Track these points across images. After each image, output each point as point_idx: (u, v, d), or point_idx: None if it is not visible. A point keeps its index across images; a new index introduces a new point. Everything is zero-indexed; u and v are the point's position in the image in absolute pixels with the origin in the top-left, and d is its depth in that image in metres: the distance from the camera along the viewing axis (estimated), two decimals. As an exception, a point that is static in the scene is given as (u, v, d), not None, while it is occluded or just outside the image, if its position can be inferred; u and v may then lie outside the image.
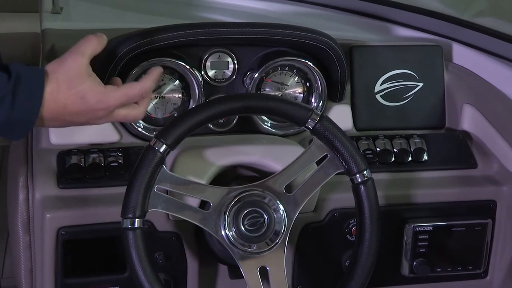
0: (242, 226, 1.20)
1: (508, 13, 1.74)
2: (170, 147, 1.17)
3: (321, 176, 1.24)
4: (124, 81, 1.34)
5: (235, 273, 1.36)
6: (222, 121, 1.43)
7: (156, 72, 1.19)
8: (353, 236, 1.39)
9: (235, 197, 1.21)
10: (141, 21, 1.82)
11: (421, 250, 1.41)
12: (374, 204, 1.23)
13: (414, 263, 1.41)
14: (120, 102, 1.13)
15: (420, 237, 1.40)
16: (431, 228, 1.40)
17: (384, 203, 1.35)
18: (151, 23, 1.39)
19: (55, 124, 1.10)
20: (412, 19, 1.69)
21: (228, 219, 1.20)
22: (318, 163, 1.25)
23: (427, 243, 1.41)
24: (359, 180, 1.22)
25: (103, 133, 1.37)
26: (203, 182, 1.26)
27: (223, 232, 1.20)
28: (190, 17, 1.84)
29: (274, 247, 1.21)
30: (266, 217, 1.21)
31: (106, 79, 1.31)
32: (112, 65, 1.31)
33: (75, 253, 1.29)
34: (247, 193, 1.21)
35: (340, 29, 1.72)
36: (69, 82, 1.07)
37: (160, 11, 1.87)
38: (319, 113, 1.22)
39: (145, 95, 1.16)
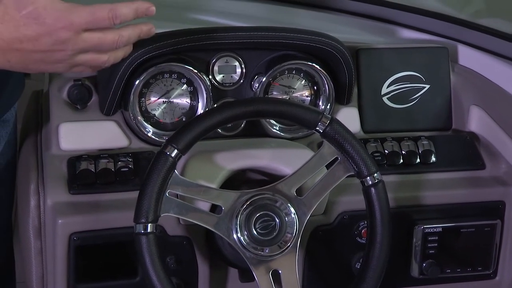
0: (254, 229, 1.20)
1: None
2: (182, 152, 1.17)
3: (331, 179, 1.24)
4: (131, 88, 1.35)
5: (246, 276, 1.36)
6: (230, 125, 1.43)
7: (139, 3, 1.03)
8: (363, 239, 1.39)
9: (246, 201, 1.21)
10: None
11: (430, 252, 1.41)
12: (385, 206, 1.23)
13: (424, 264, 1.42)
14: (86, 21, 0.98)
15: (429, 238, 1.40)
16: (440, 229, 1.41)
17: (393, 205, 1.36)
18: (156, 28, 1.39)
19: (18, 56, 0.97)
20: (417, 20, 1.69)
21: (240, 222, 1.20)
22: (328, 166, 1.25)
23: (436, 245, 1.41)
24: (370, 182, 1.22)
25: (112, 139, 1.38)
26: (214, 186, 1.26)
27: (235, 236, 1.21)
28: (194, 21, 1.84)
29: (286, 250, 1.22)
30: (277, 220, 1.21)
31: (113, 88, 1.32)
32: (120, 72, 1.31)
33: (87, 259, 1.29)
34: (258, 196, 1.22)
35: (346, 31, 1.72)
36: (17, 2, 0.94)
37: (164, 16, 1.87)
38: (329, 116, 1.22)
39: (115, 20, 1.00)
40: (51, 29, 0.96)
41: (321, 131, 1.22)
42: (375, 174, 1.22)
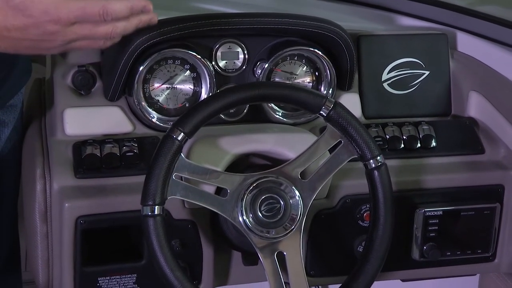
0: (259, 212, 1.22)
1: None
2: (188, 136, 1.19)
3: (335, 162, 1.26)
4: (135, 74, 1.36)
5: (249, 259, 1.38)
6: (233, 110, 1.44)
7: (135, 1, 1.01)
8: (365, 222, 1.41)
9: (251, 184, 1.23)
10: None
11: (431, 235, 1.43)
12: (388, 189, 1.25)
13: (425, 247, 1.43)
14: (75, 16, 0.97)
15: (430, 221, 1.42)
16: (440, 212, 1.42)
17: (394, 189, 1.37)
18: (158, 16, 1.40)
19: (7, 42, 0.98)
20: (417, 8, 1.71)
21: (245, 205, 1.22)
22: (331, 149, 1.27)
23: (437, 228, 1.43)
24: (373, 165, 1.24)
25: (117, 124, 1.39)
26: (219, 169, 1.27)
27: (240, 219, 1.22)
28: (197, 10, 1.85)
29: (291, 232, 1.23)
30: (282, 203, 1.23)
31: (118, 74, 1.33)
32: (124, 59, 1.32)
33: (93, 242, 1.31)
34: (263, 179, 1.23)
35: (346, 20, 1.74)
36: None
37: (165, 4, 1.88)
38: (333, 100, 1.24)
39: (106, 16, 0.98)
40: (38, 22, 0.96)
41: (325, 114, 1.24)
42: (378, 157, 1.24)
